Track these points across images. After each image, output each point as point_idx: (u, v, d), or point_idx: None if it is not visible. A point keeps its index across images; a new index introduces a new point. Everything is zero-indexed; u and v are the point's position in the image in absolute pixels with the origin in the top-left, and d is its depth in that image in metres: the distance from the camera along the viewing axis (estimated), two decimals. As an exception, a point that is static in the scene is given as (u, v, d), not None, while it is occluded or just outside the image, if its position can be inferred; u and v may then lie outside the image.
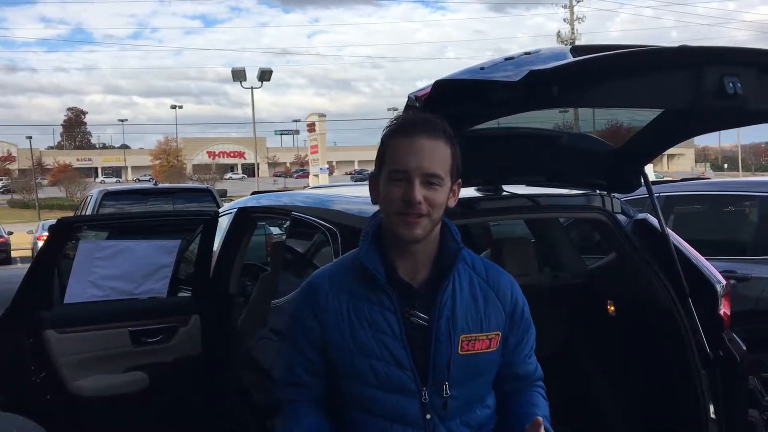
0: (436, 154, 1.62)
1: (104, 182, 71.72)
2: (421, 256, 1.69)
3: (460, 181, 1.71)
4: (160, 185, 12.78)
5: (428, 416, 1.65)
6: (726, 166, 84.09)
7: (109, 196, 10.28)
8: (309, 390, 1.74)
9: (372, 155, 1.84)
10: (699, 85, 1.89)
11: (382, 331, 1.64)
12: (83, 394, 3.71)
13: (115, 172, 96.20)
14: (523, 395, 1.80)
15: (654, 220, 3.16)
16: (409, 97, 2.19)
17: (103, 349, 3.77)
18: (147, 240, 4.03)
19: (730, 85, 1.87)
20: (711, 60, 1.89)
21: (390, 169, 1.64)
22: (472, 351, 1.67)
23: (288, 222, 3.59)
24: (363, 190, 3.39)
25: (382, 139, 1.70)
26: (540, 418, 1.59)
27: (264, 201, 4.18)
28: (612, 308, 3.36)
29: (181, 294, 4.26)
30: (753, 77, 1.91)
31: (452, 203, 1.69)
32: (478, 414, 1.72)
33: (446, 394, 1.65)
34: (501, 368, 1.77)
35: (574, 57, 1.85)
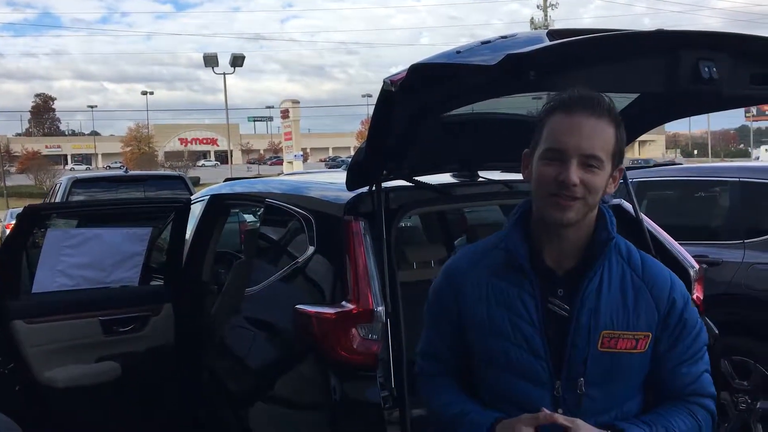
0: (598, 134, 1.50)
1: (74, 169, 70.49)
2: (570, 242, 1.58)
3: (622, 166, 1.60)
4: (131, 172, 12.53)
5: (560, 411, 1.54)
6: (696, 152, 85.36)
7: (78, 183, 10.10)
8: (447, 364, 1.73)
9: (346, 142, 1.82)
10: (674, 69, 1.88)
11: (519, 315, 1.58)
12: (54, 385, 3.65)
13: (85, 159, 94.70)
14: (660, 409, 1.61)
15: (628, 206, 3.17)
16: (384, 82, 2.15)
17: (74, 339, 3.71)
18: (117, 228, 3.96)
19: (706, 69, 1.86)
20: (687, 44, 1.88)
21: (545, 147, 1.53)
22: (614, 349, 1.55)
23: (262, 209, 3.55)
24: (338, 177, 3.36)
25: (539, 114, 1.60)
26: (542, 410, 1.49)
27: (237, 188, 4.13)
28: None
29: (153, 282, 4.20)
30: (728, 62, 1.90)
31: (611, 189, 1.58)
32: (613, 419, 1.58)
33: (581, 391, 1.54)
34: (650, 375, 1.62)
35: (550, 41, 1.83)
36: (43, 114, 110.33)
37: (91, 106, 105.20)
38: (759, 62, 2.01)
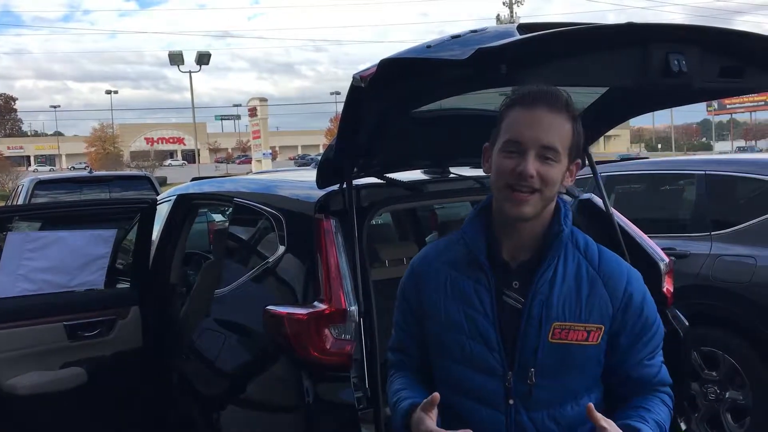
0: (556, 128, 1.53)
1: (37, 171, 69.13)
2: (526, 235, 1.61)
3: (579, 161, 1.62)
4: (96, 173, 12.29)
5: (511, 401, 1.57)
6: (660, 146, 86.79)
7: (41, 185, 9.87)
8: (413, 358, 1.76)
9: (315, 140, 1.79)
10: (644, 62, 1.88)
11: (474, 308, 1.60)
12: (16, 393, 3.54)
13: (49, 160, 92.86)
14: (634, 401, 1.62)
15: (598, 200, 3.18)
16: (353, 77, 2.12)
17: (37, 346, 3.60)
18: (81, 230, 3.86)
19: (675, 62, 1.87)
20: (657, 37, 1.88)
21: (504, 139, 1.56)
22: (565, 340, 1.56)
23: (230, 209, 3.48)
24: (307, 175, 3.31)
25: (500, 108, 1.62)
26: (590, 405, 1.45)
27: (205, 187, 4.07)
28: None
29: (120, 285, 4.11)
30: (698, 55, 1.91)
31: (568, 182, 1.62)
32: (569, 412, 1.59)
33: (531, 381, 1.56)
34: (613, 370, 1.62)
35: (521, 34, 1.82)
36: (4, 115, 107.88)
37: (54, 106, 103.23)
38: (728, 55, 2.02)
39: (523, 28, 1.90)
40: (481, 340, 1.59)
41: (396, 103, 2.23)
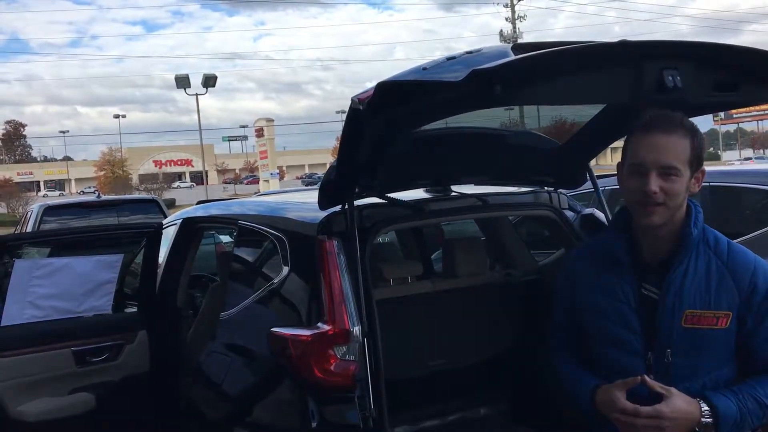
0: (672, 147, 1.78)
1: (47, 195, 69.61)
2: (661, 237, 1.87)
3: (703, 168, 1.86)
4: (104, 197, 12.35)
5: (652, 376, 1.82)
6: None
7: (50, 210, 9.93)
8: (570, 344, 2.09)
9: (322, 158, 1.81)
10: (639, 79, 1.89)
11: (620, 300, 1.90)
12: (26, 420, 3.55)
13: (58, 184, 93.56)
14: (750, 379, 1.85)
15: (600, 215, 3.19)
16: (352, 100, 2.14)
17: (46, 372, 3.61)
18: (87, 256, 3.89)
19: (670, 78, 1.88)
20: (650, 54, 1.90)
21: (629, 162, 1.83)
22: (696, 325, 1.82)
23: (235, 231, 3.51)
24: (311, 196, 3.34)
25: (627, 135, 1.89)
26: (644, 377, 1.79)
27: (210, 210, 4.09)
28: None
29: (127, 310, 4.13)
30: (691, 70, 1.92)
31: (695, 189, 1.86)
32: (701, 385, 1.83)
33: (668, 360, 1.82)
34: (740, 349, 1.86)
35: (515, 55, 1.84)
36: (14, 141, 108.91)
37: (63, 131, 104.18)
38: (721, 70, 2.03)
39: (518, 48, 1.92)
40: (625, 325, 1.89)
41: (395, 124, 2.25)
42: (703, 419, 1.76)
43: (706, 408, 1.77)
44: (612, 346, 1.92)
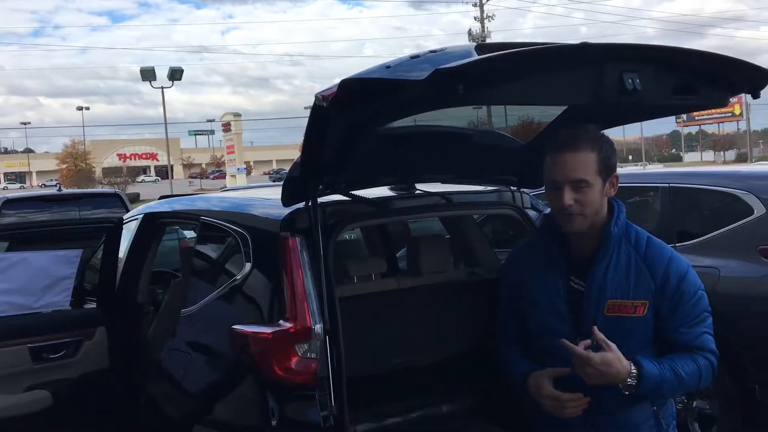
0: (580, 162, 1.98)
1: (7, 188, 68.01)
2: (586, 237, 2.09)
3: (617, 173, 2.08)
4: (66, 191, 12.09)
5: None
6: (630, 157, 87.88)
7: (9, 204, 9.67)
8: (514, 334, 2.29)
9: (290, 154, 1.81)
10: (600, 81, 1.92)
11: (552, 292, 2.13)
12: (-22, 418, 3.46)
13: (19, 177, 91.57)
14: (668, 355, 2.03)
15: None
16: (316, 97, 2.13)
17: (1, 369, 3.53)
18: (44, 251, 3.80)
19: (630, 81, 1.91)
20: (611, 57, 1.92)
21: (546, 179, 2.06)
22: (618, 314, 2.03)
23: (197, 227, 3.46)
24: (276, 192, 3.32)
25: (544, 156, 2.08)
26: (564, 341, 1.96)
27: (173, 205, 4.03)
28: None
29: (86, 306, 4.05)
30: (652, 73, 1.95)
31: (611, 193, 2.07)
32: None
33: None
34: (657, 335, 2.06)
35: (479, 55, 1.84)
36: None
37: (25, 123, 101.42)
38: (681, 73, 2.07)
39: (482, 48, 1.93)
40: (557, 314, 2.11)
41: (359, 121, 2.24)
42: (629, 380, 1.94)
43: (635, 371, 1.94)
44: (546, 332, 2.13)
